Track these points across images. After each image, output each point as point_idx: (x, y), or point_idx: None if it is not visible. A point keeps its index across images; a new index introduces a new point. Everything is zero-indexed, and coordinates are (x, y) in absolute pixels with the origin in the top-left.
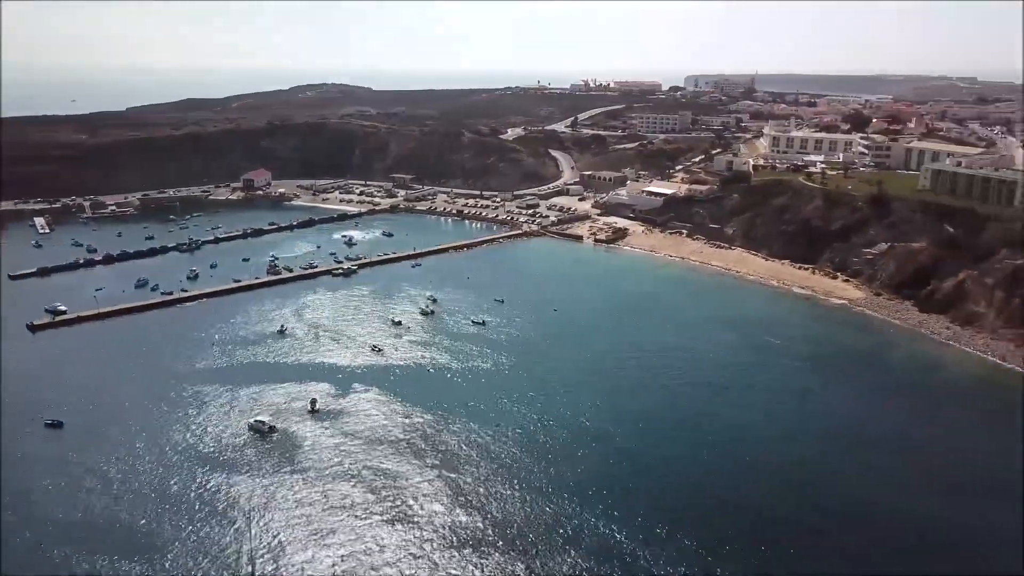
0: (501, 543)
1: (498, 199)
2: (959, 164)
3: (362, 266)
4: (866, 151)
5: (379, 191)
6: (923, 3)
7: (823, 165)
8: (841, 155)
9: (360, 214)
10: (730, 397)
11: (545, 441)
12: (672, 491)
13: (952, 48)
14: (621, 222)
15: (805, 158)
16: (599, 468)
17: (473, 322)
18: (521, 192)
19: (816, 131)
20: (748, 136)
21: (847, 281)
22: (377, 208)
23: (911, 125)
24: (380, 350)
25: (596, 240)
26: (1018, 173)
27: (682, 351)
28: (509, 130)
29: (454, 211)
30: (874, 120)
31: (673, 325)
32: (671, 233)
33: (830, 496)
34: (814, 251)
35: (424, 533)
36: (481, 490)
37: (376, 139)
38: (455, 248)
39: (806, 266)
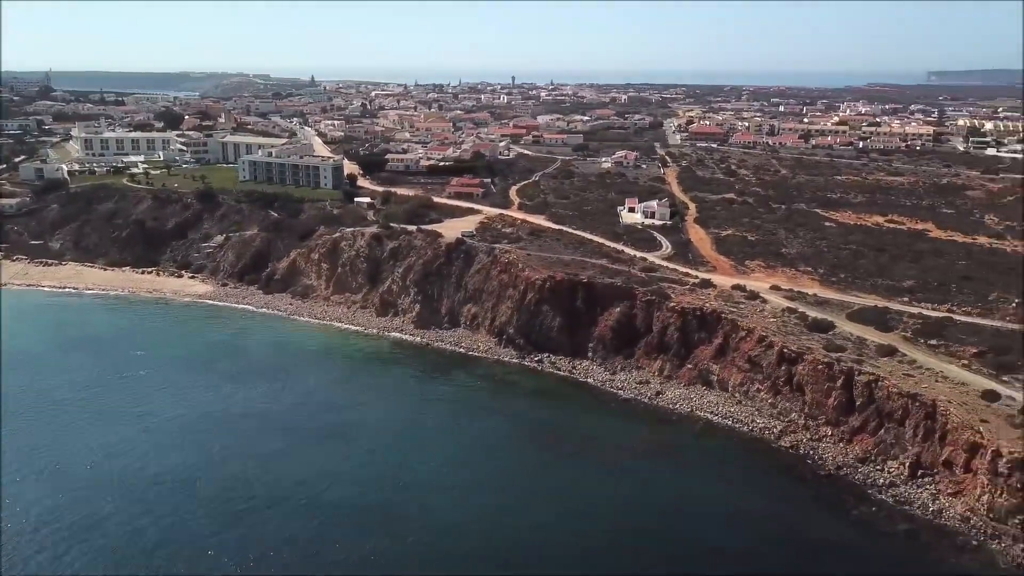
0: None
1: None
2: (271, 155)
3: None
4: (185, 148)
5: None
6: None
7: (145, 165)
8: (161, 153)
9: None
10: (108, 423)
11: None
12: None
13: (248, 48)
14: None
15: (125, 159)
16: None
17: None
18: None
19: (131, 131)
20: (56, 139)
21: (193, 277)
22: None
23: (222, 120)
24: None
25: None
26: (318, 159)
27: (30, 391)
28: None
29: None
30: (187, 117)
31: (8, 366)
32: None
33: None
34: (155, 252)
35: None
36: None
37: None
38: None
39: (150, 269)
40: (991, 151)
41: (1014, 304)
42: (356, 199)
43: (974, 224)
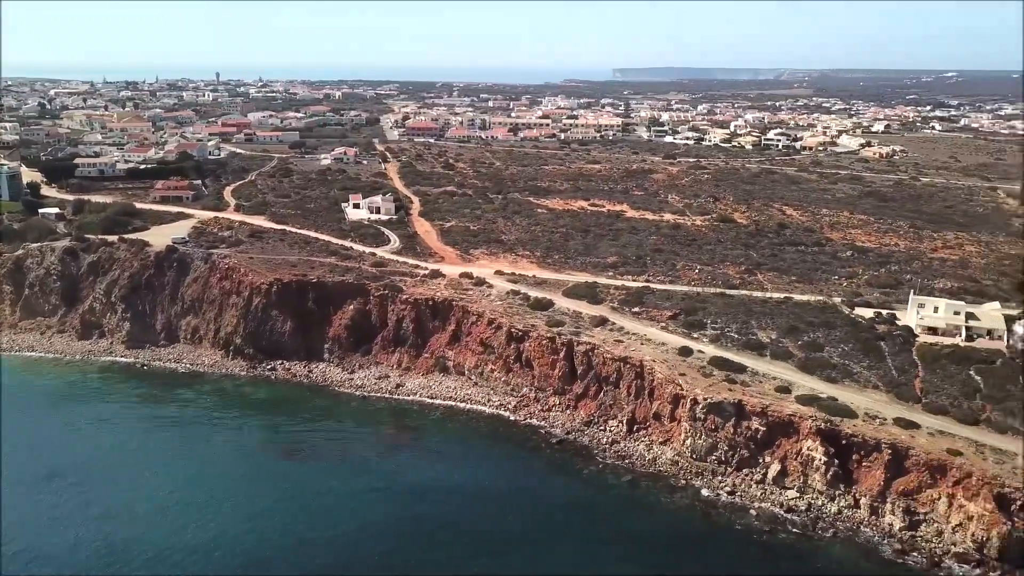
0: None
1: None
2: None
3: None
4: None
5: None
6: None
7: None
8: None
9: None
10: None
11: None
12: None
13: None
14: None
15: None
16: None
17: None
18: None
19: None
20: None
21: None
22: None
23: None
24: None
25: None
26: None
27: None
28: None
29: None
30: None
31: None
32: None
33: None
34: None
35: None
36: None
37: None
38: None
39: None
40: (669, 138)
41: (696, 270)
42: (41, 210)
43: (660, 203)
